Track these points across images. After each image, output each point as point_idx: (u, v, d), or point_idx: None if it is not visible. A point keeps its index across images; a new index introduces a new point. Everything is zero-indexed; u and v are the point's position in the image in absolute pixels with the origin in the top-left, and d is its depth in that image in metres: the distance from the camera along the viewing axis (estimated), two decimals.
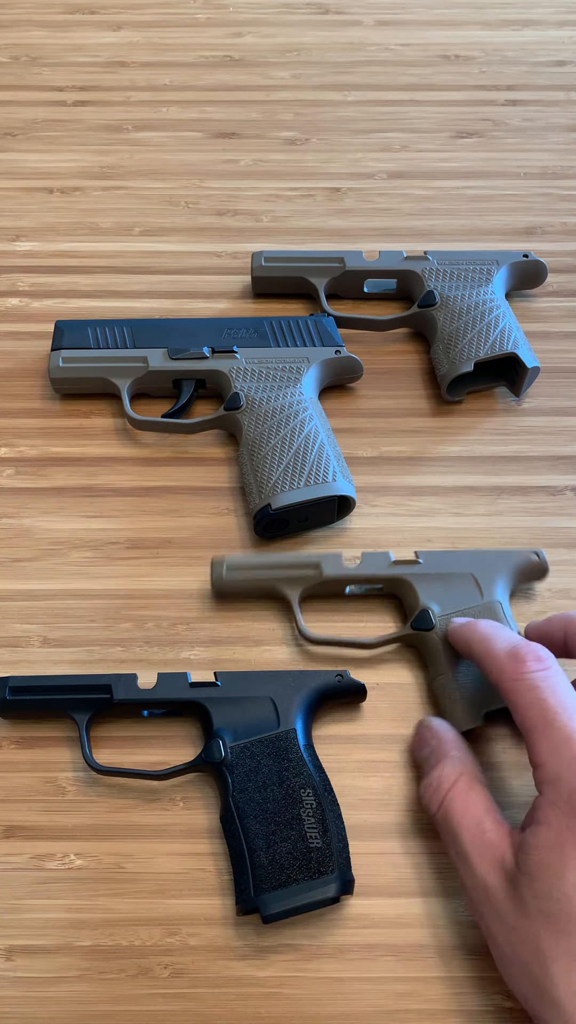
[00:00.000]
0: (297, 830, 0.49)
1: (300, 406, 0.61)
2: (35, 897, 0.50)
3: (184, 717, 0.54)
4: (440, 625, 0.54)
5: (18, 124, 0.79)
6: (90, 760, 0.52)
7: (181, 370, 0.63)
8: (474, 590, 0.55)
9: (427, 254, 0.67)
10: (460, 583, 0.55)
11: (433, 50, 0.84)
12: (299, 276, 0.68)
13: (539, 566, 0.56)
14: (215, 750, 0.51)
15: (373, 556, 0.56)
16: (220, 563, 0.56)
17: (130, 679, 0.53)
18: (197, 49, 0.84)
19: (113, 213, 0.74)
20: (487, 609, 0.54)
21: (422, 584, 0.55)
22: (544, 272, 0.68)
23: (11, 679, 0.53)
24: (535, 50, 0.84)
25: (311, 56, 0.83)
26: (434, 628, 0.54)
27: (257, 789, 0.50)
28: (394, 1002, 0.48)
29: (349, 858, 0.49)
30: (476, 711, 0.52)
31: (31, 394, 0.66)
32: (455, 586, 0.55)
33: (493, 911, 0.43)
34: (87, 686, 0.53)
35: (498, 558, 0.56)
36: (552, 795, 0.43)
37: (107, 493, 0.62)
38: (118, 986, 0.48)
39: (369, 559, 0.56)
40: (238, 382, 0.62)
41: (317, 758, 0.51)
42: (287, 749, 0.51)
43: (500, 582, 0.55)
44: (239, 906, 0.48)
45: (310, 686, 0.53)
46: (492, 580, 0.55)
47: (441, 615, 0.54)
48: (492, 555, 0.56)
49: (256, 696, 0.52)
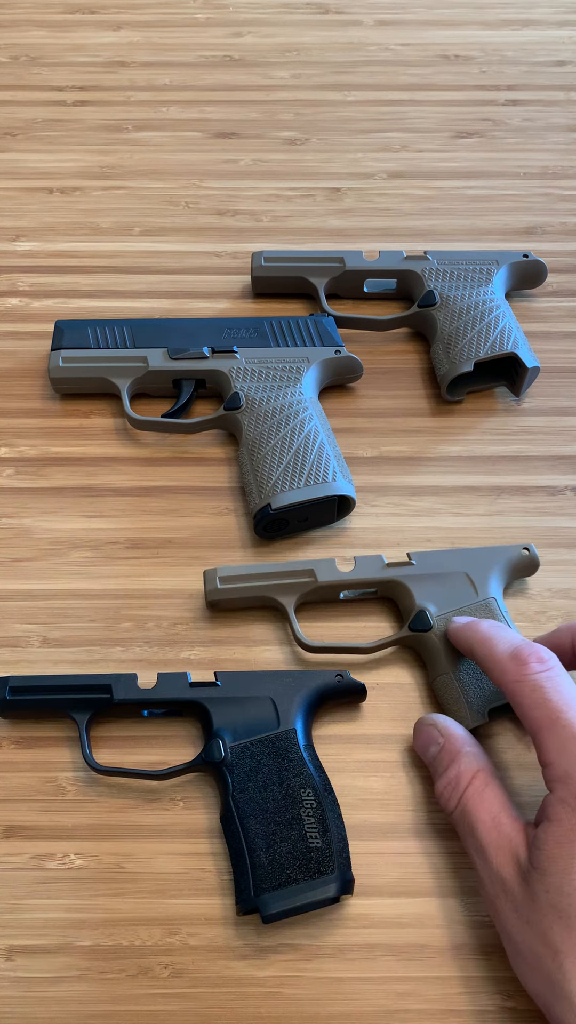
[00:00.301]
0: (297, 830, 0.49)
1: (300, 406, 0.61)
2: (35, 897, 0.50)
3: (184, 717, 0.54)
4: (437, 625, 0.54)
5: (18, 124, 0.79)
6: (90, 760, 0.52)
7: (181, 370, 0.63)
8: (468, 588, 0.55)
9: (427, 254, 0.67)
10: (454, 582, 0.55)
11: (433, 50, 0.84)
12: (299, 276, 0.68)
13: (530, 560, 0.56)
14: (215, 750, 0.51)
15: (366, 560, 0.56)
16: (213, 574, 0.56)
17: (130, 679, 0.53)
18: (197, 49, 0.84)
19: (113, 213, 0.74)
20: (483, 607, 0.54)
21: (417, 585, 0.55)
22: (544, 272, 0.68)
23: (11, 679, 0.53)
24: (535, 50, 0.84)
25: (311, 56, 0.83)
26: (432, 628, 0.54)
27: (257, 789, 0.50)
28: (394, 1002, 0.48)
29: (349, 858, 0.49)
30: (480, 709, 0.52)
31: (31, 394, 0.66)
32: (449, 585, 0.55)
33: (508, 904, 0.44)
34: (87, 686, 0.53)
35: (489, 555, 0.56)
36: (562, 792, 0.43)
37: (107, 493, 0.62)
38: (118, 986, 0.48)
39: (363, 563, 0.56)
40: (238, 382, 0.62)
41: (317, 758, 0.51)
42: (287, 749, 0.51)
43: (494, 579, 0.55)
44: (239, 906, 0.48)
45: (310, 686, 0.53)
46: (485, 577, 0.55)
47: (438, 615, 0.54)
48: (483, 552, 0.56)
49: (256, 696, 0.52)
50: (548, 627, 0.57)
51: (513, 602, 0.58)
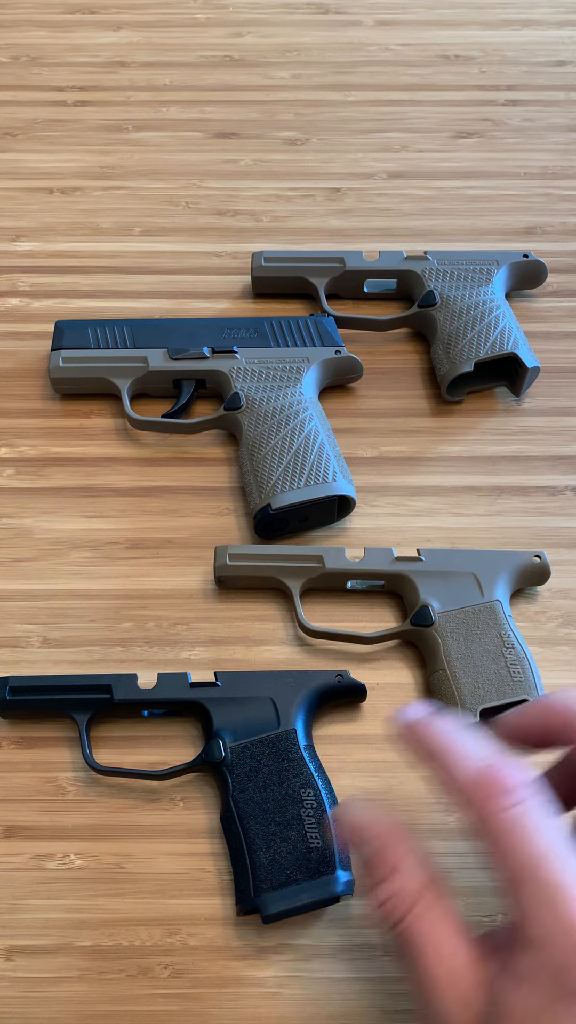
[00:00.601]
0: (297, 830, 0.49)
1: (300, 406, 0.61)
2: (35, 897, 0.50)
3: (184, 717, 0.54)
4: (439, 621, 0.54)
5: (18, 124, 0.79)
6: (90, 760, 0.52)
7: (181, 370, 0.63)
8: (475, 589, 0.55)
9: (427, 254, 0.67)
10: (461, 581, 0.55)
11: (433, 50, 0.84)
12: (299, 276, 0.68)
13: (541, 568, 0.57)
14: (215, 750, 0.51)
15: (376, 552, 0.57)
16: (224, 551, 0.57)
17: (130, 679, 0.53)
18: (197, 49, 0.84)
19: (113, 213, 0.74)
20: (487, 608, 0.54)
21: (423, 581, 0.56)
22: (544, 272, 0.68)
23: (11, 679, 0.53)
24: (535, 50, 0.84)
25: (311, 56, 0.83)
26: (434, 624, 0.54)
27: (257, 789, 0.50)
28: (393, 1002, 0.48)
29: (349, 858, 0.49)
30: (472, 707, 0.52)
31: (31, 394, 0.66)
32: (456, 584, 0.55)
33: None
34: (87, 686, 0.53)
35: (500, 558, 0.56)
36: (534, 963, 0.34)
37: (107, 493, 0.62)
38: (118, 986, 0.48)
39: (372, 554, 0.57)
40: (238, 382, 0.62)
41: (317, 758, 0.51)
42: (287, 749, 0.51)
43: (501, 583, 0.55)
44: (239, 906, 0.48)
45: (310, 686, 0.53)
46: (493, 580, 0.55)
47: (442, 611, 0.55)
48: (494, 555, 0.57)
49: (256, 696, 0.52)
50: (548, 627, 0.57)
51: (513, 602, 0.58)
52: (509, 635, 0.54)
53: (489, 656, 0.53)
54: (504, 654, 0.54)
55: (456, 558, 0.57)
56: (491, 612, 0.54)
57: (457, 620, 0.55)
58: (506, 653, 0.54)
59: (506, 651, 0.54)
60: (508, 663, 0.53)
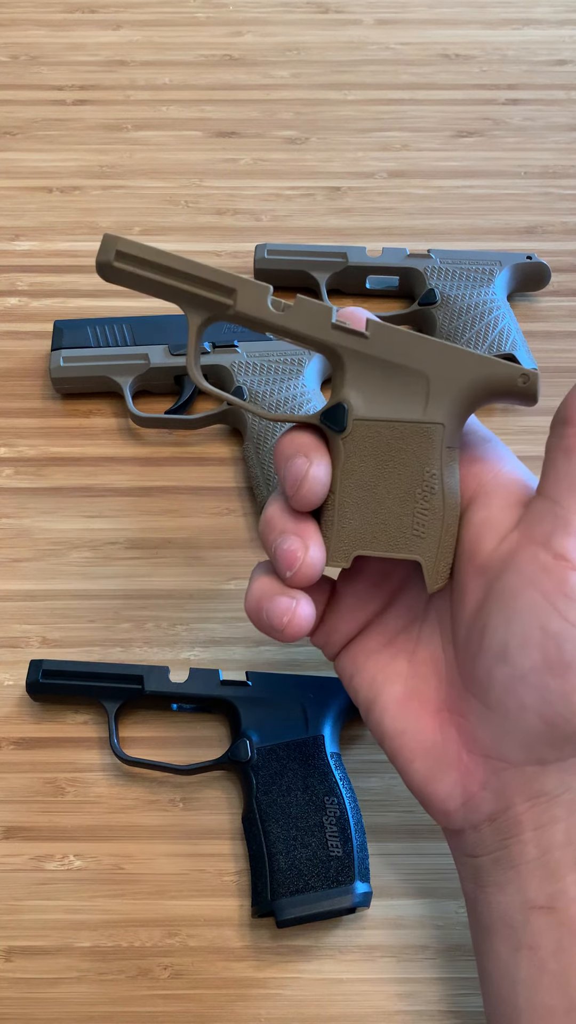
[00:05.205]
0: (318, 837, 0.48)
1: (303, 398, 0.61)
2: (35, 898, 0.50)
3: (211, 715, 0.54)
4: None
5: (18, 123, 0.79)
6: (117, 749, 0.52)
7: (183, 366, 0.63)
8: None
9: (430, 252, 0.67)
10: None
11: (433, 49, 0.84)
12: (301, 270, 0.68)
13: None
14: (242, 750, 0.51)
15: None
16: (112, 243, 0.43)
17: (162, 672, 0.53)
18: (197, 48, 0.84)
19: (113, 213, 0.74)
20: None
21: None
22: (547, 275, 0.68)
23: (45, 662, 0.53)
24: (536, 49, 0.84)
25: (311, 55, 0.83)
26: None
27: (281, 793, 0.50)
28: (394, 1003, 0.48)
29: (368, 870, 0.48)
30: (348, 551, 0.42)
31: (31, 394, 0.66)
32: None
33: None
34: (120, 675, 0.53)
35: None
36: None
37: (107, 493, 0.62)
38: (118, 987, 0.48)
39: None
40: (240, 376, 0.62)
41: (344, 767, 0.51)
42: (314, 755, 0.50)
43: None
44: (255, 907, 0.48)
45: (342, 694, 0.52)
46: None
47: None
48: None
49: (286, 700, 0.52)
50: None
51: None
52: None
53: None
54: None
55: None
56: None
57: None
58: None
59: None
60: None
